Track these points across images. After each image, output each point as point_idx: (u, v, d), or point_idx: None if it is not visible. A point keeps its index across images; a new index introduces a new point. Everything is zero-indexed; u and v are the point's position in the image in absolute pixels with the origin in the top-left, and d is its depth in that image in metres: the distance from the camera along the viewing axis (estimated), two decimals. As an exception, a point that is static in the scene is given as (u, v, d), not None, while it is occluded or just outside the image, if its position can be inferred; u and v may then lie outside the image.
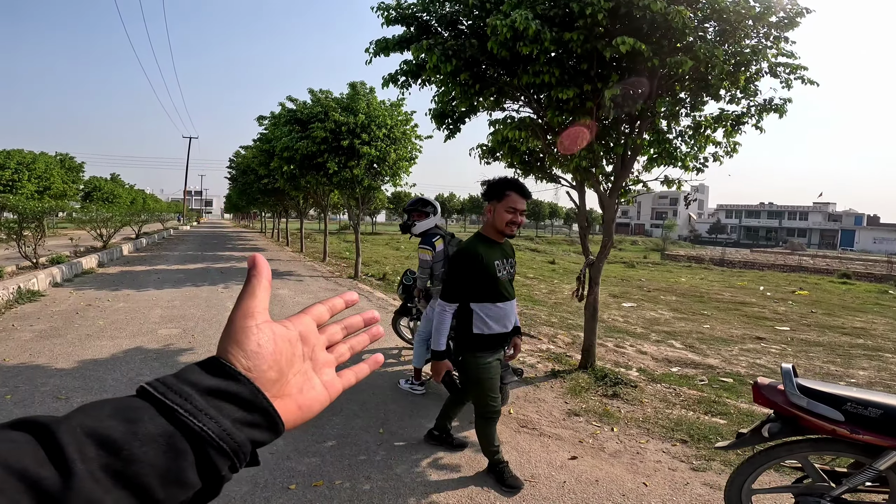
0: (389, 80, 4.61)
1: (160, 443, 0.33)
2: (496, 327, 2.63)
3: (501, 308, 2.62)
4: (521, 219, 2.54)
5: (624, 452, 3.23)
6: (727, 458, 3.15)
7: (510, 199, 2.49)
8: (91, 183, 37.36)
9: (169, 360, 4.58)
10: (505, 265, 2.62)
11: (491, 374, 2.68)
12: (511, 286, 2.69)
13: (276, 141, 10.61)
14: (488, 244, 2.60)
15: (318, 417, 2.77)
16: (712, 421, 3.75)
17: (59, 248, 13.13)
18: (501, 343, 2.71)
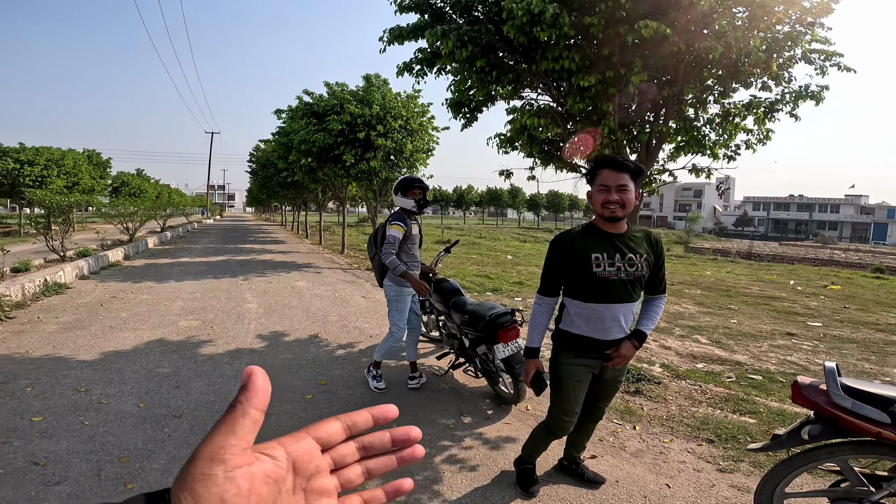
0: (404, 68, 4.51)
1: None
2: (586, 329, 2.23)
3: (595, 310, 2.18)
4: (617, 196, 2.04)
5: (646, 452, 3.11)
6: (756, 460, 3.00)
7: (601, 177, 2.10)
8: (119, 178, 38.27)
9: (188, 353, 4.62)
10: (616, 260, 2.11)
11: (570, 380, 2.30)
12: (628, 287, 2.14)
13: (294, 134, 10.65)
14: (592, 234, 2.19)
15: (330, 412, 2.74)
16: (741, 420, 3.59)
17: (87, 241, 13.49)
18: (595, 350, 2.26)
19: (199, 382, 3.92)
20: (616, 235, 2.16)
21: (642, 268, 2.14)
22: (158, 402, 3.54)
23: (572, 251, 2.22)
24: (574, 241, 2.23)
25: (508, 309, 3.48)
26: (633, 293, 2.17)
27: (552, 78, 3.98)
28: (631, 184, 2.07)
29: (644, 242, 2.18)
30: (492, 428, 3.35)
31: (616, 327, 2.21)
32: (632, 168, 2.09)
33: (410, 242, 3.84)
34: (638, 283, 2.18)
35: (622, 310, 2.18)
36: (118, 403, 3.51)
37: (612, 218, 2.10)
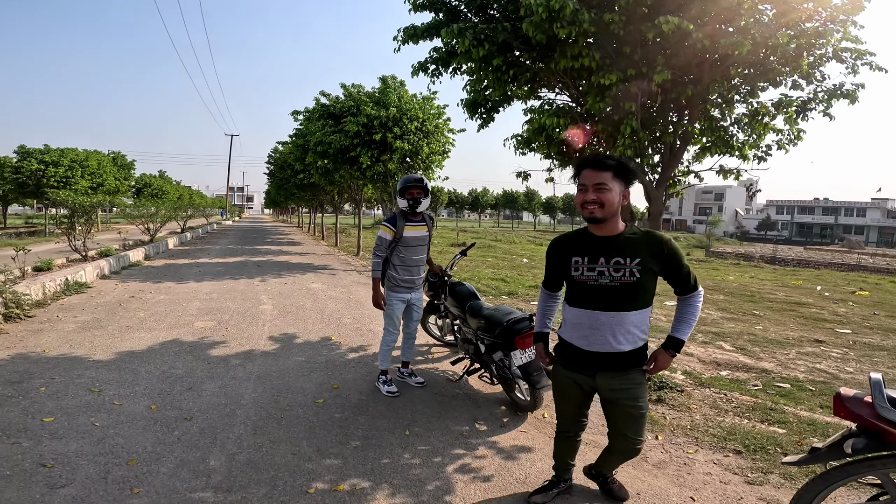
0: (419, 68, 4.44)
1: None
2: (571, 335, 2.12)
3: (577, 315, 2.07)
4: (594, 195, 1.91)
5: (669, 463, 2.98)
6: (787, 472, 2.85)
7: (581, 176, 1.99)
8: (142, 180, 39.15)
9: (202, 354, 4.61)
10: (598, 265, 1.98)
11: (556, 390, 2.29)
12: (615, 294, 1.98)
13: (311, 136, 10.70)
14: (580, 237, 2.09)
15: (342, 417, 2.65)
16: (770, 430, 3.42)
17: (109, 241, 13.74)
18: (580, 363, 2.12)
19: (212, 384, 3.89)
20: (604, 238, 2.01)
21: (634, 273, 1.94)
22: (170, 404, 3.51)
23: (557, 253, 2.19)
24: (560, 243, 2.19)
25: (526, 314, 3.36)
26: (622, 301, 1.98)
27: (571, 77, 3.86)
28: (613, 183, 1.91)
29: (642, 245, 1.97)
30: (507, 436, 3.24)
31: (599, 337, 2.03)
32: (613, 166, 1.93)
33: (404, 245, 3.71)
34: (630, 291, 1.96)
35: (607, 319, 2.00)
36: (130, 405, 3.50)
37: (591, 219, 1.97)
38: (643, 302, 2.02)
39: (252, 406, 3.52)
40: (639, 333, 2.05)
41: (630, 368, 2.08)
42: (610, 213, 1.94)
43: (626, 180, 1.97)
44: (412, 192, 3.67)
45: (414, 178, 3.70)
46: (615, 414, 2.18)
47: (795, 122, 3.94)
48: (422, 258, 3.84)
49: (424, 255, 3.88)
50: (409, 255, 3.74)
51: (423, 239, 3.81)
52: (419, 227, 3.78)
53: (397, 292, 3.77)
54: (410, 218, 3.73)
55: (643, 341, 2.08)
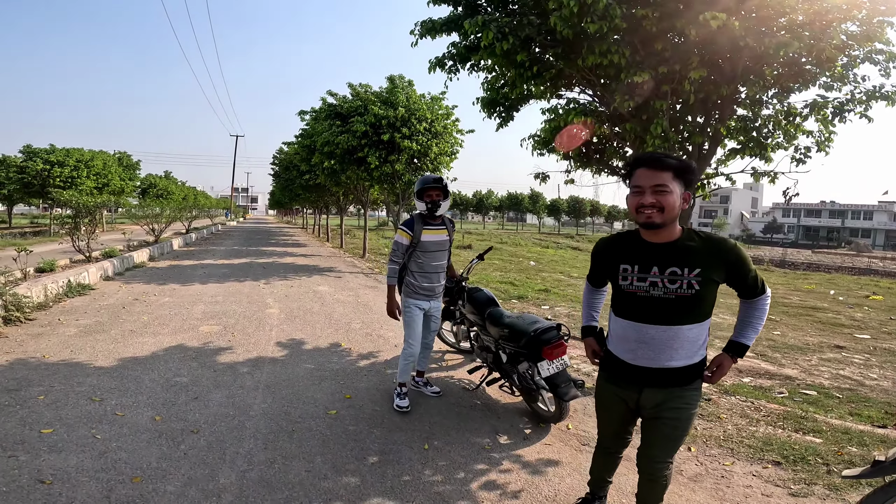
0: (436, 64, 4.27)
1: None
2: (617, 348, 1.94)
3: (622, 326, 1.89)
4: (652, 198, 1.70)
5: (706, 476, 2.83)
6: (832, 483, 2.72)
7: (635, 177, 1.78)
8: (147, 180, 39.14)
9: (207, 361, 4.44)
10: (650, 274, 1.78)
11: (598, 402, 2.12)
12: (668, 307, 1.77)
13: (317, 136, 10.55)
14: (629, 241, 1.88)
15: (357, 430, 2.47)
16: (806, 440, 3.28)
17: (114, 242, 13.63)
18: (625, 377, 1.93)
19: (218, 394, 3.72)
20: (658, 245, 1.79)
21: (692, 285, 1.72)
22: (175, 415, 3.34)
23: (603, 258, 2.02)
24: (606, 248, 2.00)
25: (553, 323, 3.18)
26: (677, 315, 1.77)
27: (598, 74, 3.68)
28: (673, 184, 1.71)
29: (704, 253, 1.75)
30: (531, 449, 3.07)
31: (647, 352, 1.83)
32: (673, 165, 1.71)
33: (423, 251, 3.48)
34: (687, 304, 1.75)
35: (658, 334, 1.79)
36: (133, 415, 3.33)
37: (647, 224, 1.75)
38: (701, 315, 1.81)
39: (262, 417, 3.35)
40: (694, 349, 1.83)
41: (681, 385, 1.86)
42: (670, 218, 1.73)
43: (688, 181, 1.75)
44: (431, 193, 3.45)
45: (432, 178, 3.47)
46: (651, 431, 1.97)
47: (832, 123, 3.76)
48: (441, 265, 3.60)
49: (444, 261, 3.63)
50: (428, 262, 3.52)
51: (442, 244, 3.56)
52: (438, 231, 3.54)
53: (415, 298, 3.55)
54: (429, 221, 3.51)
55: (700, 356, 1.86)
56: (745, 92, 3.69)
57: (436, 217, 3.51)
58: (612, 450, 2.21)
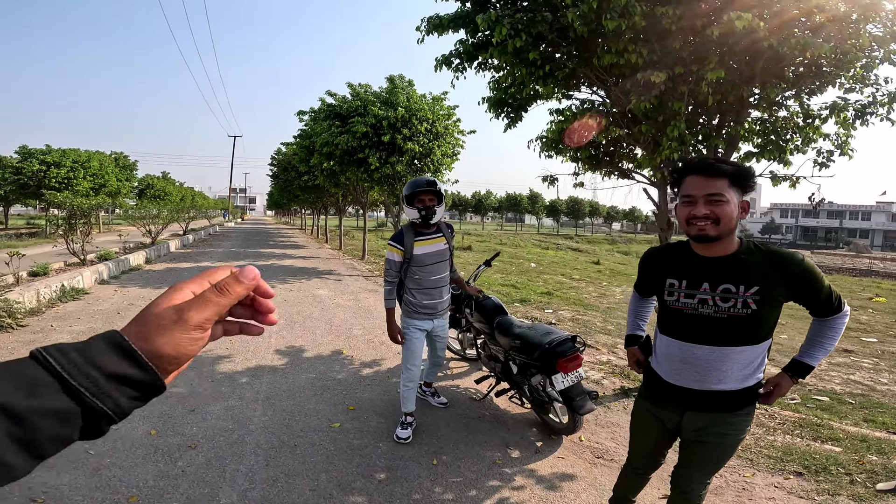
0: (443, 62, 4.14)
1: (60, 417, 0.39)
2: (661, 366, 1.79)
3: (668, 345, 1.73)
4: (706, 209, 1.54)
5: (726, 488, 2.73)
6: (856, 493, 2.63)
7: (686, 185, 1.61)
8: (144, 181, 38.87)
9: (205, 370, 4.29)
10: (700, 291, 1.62)
11: (634, 422, 1.98)
12: (720, 326, 1.60)
13: (316, 136, 10.41)
14: (679, 254, 1.72)
15: (362, 444, 2.32)
16: (825, 449, 3.18)
17: (110, 244, 13.45)
18: (668, 398, 1.78)
19: (217, 406, 3.58)
20: (711, 259, 1.62)
21: (748, 304, 1.55)
22: (172, 429, 3.20)
23: (649, 271, 1.88)
24: (654, 259, 1.85)
25: (568, 335, 3.05)
26: (728, 336, 1.60)
27: (612, 74, 3.56)
28: (730, 192, 1.53)
29: (765, 268, 1.56)
30: (544, 463, 2.94)
31: (692, 374, 1.67)
32: (729, 171, 1.54)
33: (418, 265, 3.04)
34: (741, 325, 1.58)
35: (705, 354, 1.63)
36: (128, 429, 3.19)
37: (700, 237, 1.58)
38: (758, 336, 1.62)
39: (262, 432, 3.21)
40: (747, 372, 1.66)
41: (730, 410, 1.69)
42: (726, 230, 1.56)
43: (745, 188, 1.58)
44: (423, 198, 2.96)
45: (424, 180, 2.97)
46: (691, 453, 1.82)
47: (853, 126, 3.64)
48: (443, 278, 3.16)
49: (445, 273, 3.19)
50: (426, 277, 3.08)
51: (441, 254, 3.11)
52: (434, 241, 3.07)
53: (416, 319, 3.13)
54: (421, 231, 3.05)
55: (755, 380, 1.68)
56: (763, 93, 3.58)
57: (430, 225, 3.06)
58: (642, 471, 2.06)
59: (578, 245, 34.91)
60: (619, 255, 27.90)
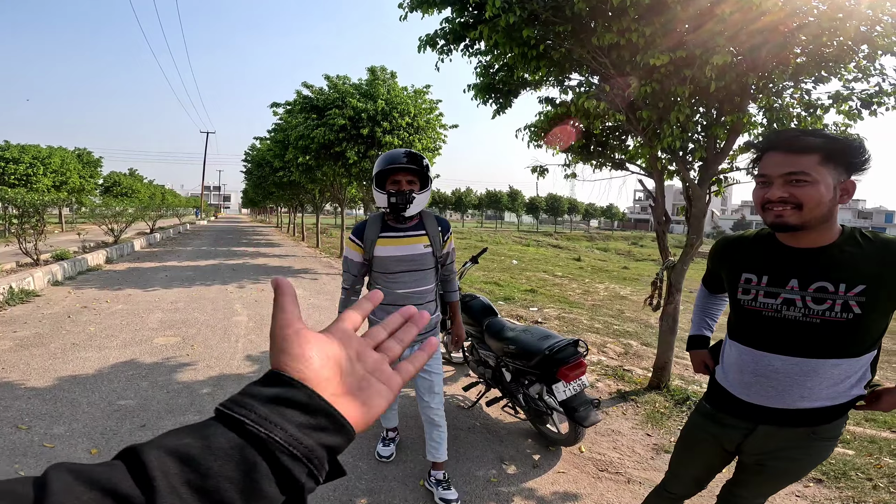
0: (427, 42, 3.81)
1: (233, 455, 0.34)
2: (727, 378, 1.49)
3: (738, 353, 1.44)
4: (782, 192, 1.25)
5: None
6: (881, 499, 2.48)
7: (763, 164, 1.32)
8: (110, 178, 37.36)
9: (160, 379, 3.85)
10: (785, 290, 1.32)
11: (684, 439, 1.69)
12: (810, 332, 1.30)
13: (292, 130, 9.95)
14: (761, 243, 1.42)
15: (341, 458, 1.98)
16: (840, 452, 2.99)
17: (69, 243, 12.65)
18: (734, 414, 1.48)
19: (171, 421, 3.17)
20: (801, 252, 1.32)
21: (850, 307, 1.24)
22: (117, 448, 2.75)
23: (720, 263, 1.57)
24: (727, 249, 1.53)
25: (568, 339, 2.74)
26: (821, 345, 1.29)
27: (612, 56, 3.30)
28: (821, 171, 1.23)
29: (875, 263, 1.25)
30: (544, 480, 2.66)
31: (768, 389, 1.36)
32: (819, 145, 1.23)
33: (381, 270, 2.24)
34: (840, 332, 1.27)
35: (787, 367, 1.32)
36: (65, 447, 2.79)
37: (777, 226, 1.29)
38: (859, 348, 1.30)
39: (224, 451, 2.82)
40: (841, 389, 1.33)
41: (811, 424, 1.38)
42: (814, 218, 1.25)
43: (848, 166, 1.25)
44: (397, 178, 2.15)
45: (402, 152, 2.19)
46: (751, 474, 1.53)
47: (859, 116, 3.46)
48: (416, 294, 2.26)
49: (424, 287, 2.27)
50: (391, 289, 2.23)
51: (416, 260, 2.23)
52: (409, 240, 2.22)
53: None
54: (391, 225, 2.25)
55: (851, 396, 1.36)
56: (768, 81, 3.37)
57: (405, 218, 2.20)
58: (677, 496, 1.75)
59: (558, 242, 35.00)
60: (598, 252, 28.05)
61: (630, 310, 8.40)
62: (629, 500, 2.47)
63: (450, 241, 2.41)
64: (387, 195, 2.15)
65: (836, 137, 1.25)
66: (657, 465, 2.83)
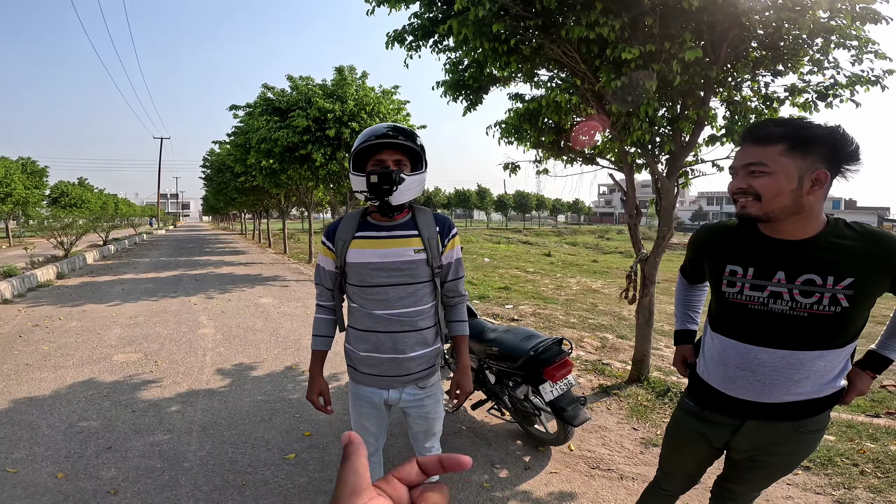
0: (394, 38, 3.72)
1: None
2: (709, 371, 1.46)
3: (721, 345, 1.40)
4: (741, 182, 1.26)
5: None
6: (870, 484, 2.54)
7: (737, 156, 1.32)
8: (58, 188, 35.35)
9: (123, 398, 3.63)
10: (772, 282, 1.29)
11: (669, 435, 1.66)
12: (794, 326, 1.28)
13: (253, 133, 9.62)
14: (746, 234, 1.37)
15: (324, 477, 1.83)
16: (823, 439, 3.04)
17: (16, 259, 11.88)
18: (718, 409, 1.45)
19: (139, 441, 2.97)
20: (788, 243, 1.28)
21: (839, 300, 1.22)
22: (84, 471, 2.63)
23: (702, 253, 1.51)
24: (710, 238, 1.48)
25: (552, 338, 2.72)
26: (805, 338, 1.28)
27: (582, 51, 3.30)
28: (778, 161, 1.20)
29: (862, 255, 1.22)
30: (537, 481, 2.62)
31: (753, 383, 1.34)
32: (780, 135, 1.20)
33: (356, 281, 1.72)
34: (826, 325, 1.26)
35: (773, 360, 1.30)
36: (29, 472, 2.61)
37: (740, 216, 1.30)
38: (843, 339, 1.30)
39: (200, 470, 2.67)
40: (824, 380, 1.33)
41: (797, 418, 1.37)
42: (775, 210, 1.23)
43: (823, 155, 1.20)
44: (381, 157, 1.64)
45: (382, 126, 1.67)
46: (739, 473, 1.53)
47: (816, 108, 3.58)
48: (407, 318, 1.70)
49: (416, 307, 1.71)
50: (366, 307, 1.71)
51: (402, 269, 1.68)
52: (391, 242, 1.69)
53: (359, 383, 1.82)
54: (372, 223, 1.73)
55: (834, 388, 1.35)
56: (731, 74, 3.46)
57: (392, 210, 1.66)
58: (672, 493, 1.73)
59: (528, 238, 35.41)
60: (567, 247, 28.50)
61: (603, 303, 8.53)
62: (624, 497, 2.47)
63: (454, 246, 1.78)
64: (366, 176, 1.60)
65: (803, 125, 1.22)
66: (647, 459, 2.84)
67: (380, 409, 1.83)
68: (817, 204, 1.24)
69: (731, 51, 3.40)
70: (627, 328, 6.44)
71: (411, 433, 1.99)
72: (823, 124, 1.21)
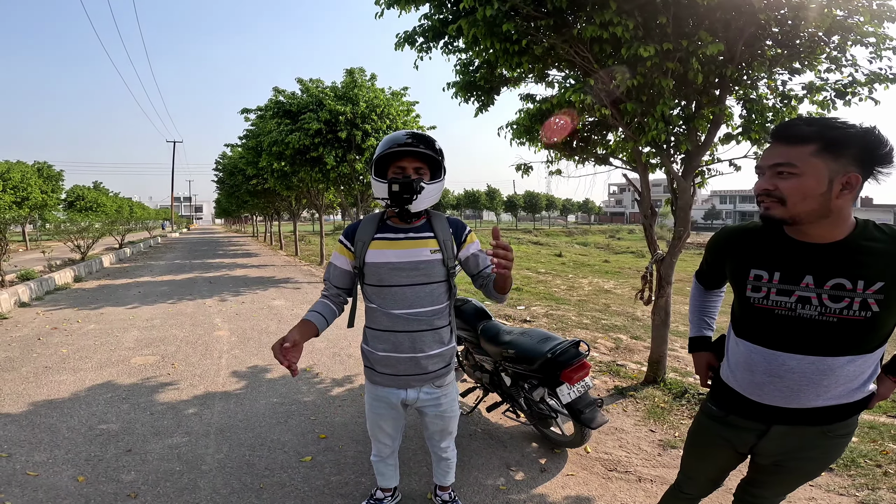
0: (405, 39, 3.72)
1: None
2: (735, 378, 1.41)
3: (747, 351, 1.36)
4: (766, 183, 1.22)
5: None
6: (893, 484, 2.49)
7: (764, 155, 1.27)
8: (73, 192, 35.95)
9: (142, 401, 3.67)
10: (798, 286, 1.25)
11: (692, 440, 1.63)
12: (823, 331, 1.24)
13: (265, 136, 9.70)
14: (770, 237, 1.32)
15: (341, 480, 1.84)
16: None
17: (34, 262, 12.11)
18: (744, 415, 1.42)
19: (158, 444, 3.01)
20: (815, 246, 1.24)
21: (869, 305, 1.18)
22: (104, 474, 2.65)
23: (725, 257, 1.46)
24: (732, 242, 1.43)
25: (569, 340, 2.70)
26: (835, 343, 1.24)
27: (595, 50, 3.28)
28: (809, 162, 1.15)
29: (890, 259, 1.18)
30: (554, 484, 2.60)
31: (781, 389, 1.30)
32: (810, 135, 1.15)
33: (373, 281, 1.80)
34: (855, 330, 1.22)
35: (802, 366, 1.26)
36: (50, 475, 2.64)
37: (764, 218, 1.25)
38: (872, 343, 1.26)
39: (218, 473, 2.69)
40: (853, 385, 1.29)
41: (826, 422, 1.34)
42: (801, 213, 1.19)
43: (856, 157, 1.14)
44: (401, 164, 1.74)
45: (402, 133, 1.76)
46: (765, 477, 1.50)
47: (834, 107, 3.51)
48: (424, 316, 1.80)
49: (432, 307, 1.81)
50: (384, 307, 1.80)
51: (419, 269, 1.78)
52: (409, 244, 1.79)
53: (375, 382, 1.90)
54: (391, 226, 1.84)
55: (864, 393, 1.32)
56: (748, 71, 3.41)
57: (410, 215, 1.78)
58: (693, 496, 1.71)
59: (538, 238, 35.26)
60: (578, 247, 28.31)
61: (615, 304, 8.46)
62: (643, 499, 2.45)
63: (471, 241, 1.89)
64: (388, 183, 1.70)
65: (836, 125, 1.16)
66: (665, 461, 2.81)
67: (397, 410, 1.95)
68: (846, 207, 1.20)
69: (746, 49, 3.35)
70: (641, 329, 6.38)
71: (427, 433, 2.09)
72: (858, 124, 1.15)
